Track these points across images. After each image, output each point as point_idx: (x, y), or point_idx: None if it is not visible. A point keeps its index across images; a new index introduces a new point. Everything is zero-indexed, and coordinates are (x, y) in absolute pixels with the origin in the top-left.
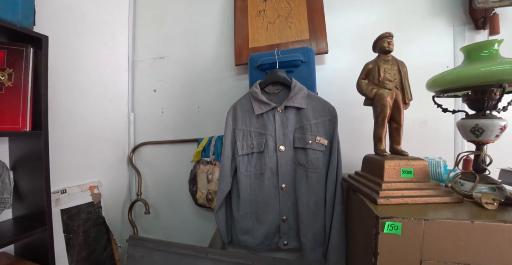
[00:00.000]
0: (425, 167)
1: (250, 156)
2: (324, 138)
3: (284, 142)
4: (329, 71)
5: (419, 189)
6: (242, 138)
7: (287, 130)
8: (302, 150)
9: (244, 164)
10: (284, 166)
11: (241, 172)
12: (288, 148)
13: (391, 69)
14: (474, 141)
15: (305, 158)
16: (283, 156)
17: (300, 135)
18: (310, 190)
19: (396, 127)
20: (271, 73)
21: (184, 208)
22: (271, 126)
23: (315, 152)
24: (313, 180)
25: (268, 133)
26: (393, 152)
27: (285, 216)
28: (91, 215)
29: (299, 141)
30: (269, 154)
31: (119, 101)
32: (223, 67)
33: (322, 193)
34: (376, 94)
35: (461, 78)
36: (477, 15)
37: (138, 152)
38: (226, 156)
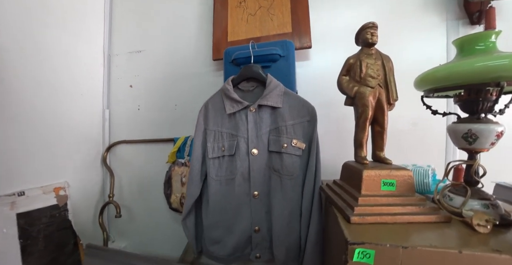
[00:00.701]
0: (410, 179)
1: (221, 159)
2: (301, 141)
3: (258, 145)
4: (314, 67)
5: (402, 205)
6: (213, 139)
7: (261, 131)
8: (277, 154)
9: (215, 168)
10: (257, 171)
11: (211, 176)
12: (262, 152)
13: (374, 64)
14: (466, 149)
15: (280, 163)
16: (256, 160)
17: (275, 138)
18: (285, 198)
19: (379, 131)
20: (245, 68)
21: (160, 211)
22: (243, 127)
23: (290, 156)
24: (288, 188)
25: (240, 134)
26: (375, 159)
27: (258, 226)
28: (55, 219)
29: (274, 144)
30: (240, 158)
31: (93, 97)
32: (201, 62)
33: (298, 202)
34: (357, 92)
35: (452, 74)
36: (472, 8)
37: (114, 151)
38: (196, 159)
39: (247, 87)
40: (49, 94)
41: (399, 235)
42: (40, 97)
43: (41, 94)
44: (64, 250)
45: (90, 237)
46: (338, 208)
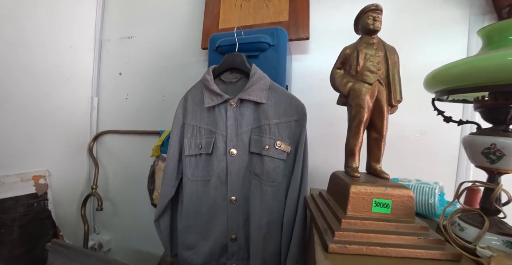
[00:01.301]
0: (410, 200)
1: (198, 157)
2: (287, 143)
3: (237, 145)
4: (311, 62)
5: (397, 234)
6: (190, 135)
7: (241, 129)
8: (259, 157)
9: (191, 167)
10: (235, 174)
11: (186, 176)
12: (242, 152)
13: (375, 56)
14: (485, 168)
15: (261, 167)
16: (234, 161)
17: (257, 137)
18: (264, 207)
19: (376, 138)
20: (227, 57)
21: (144, 206)
22: (222, 123)
23: (273, 160)
24: (268, 195)
25: (218, 131)
26: (370, 172)
27: (234, 234)
28: (33, 208)
29: (255, 145)
30: (217, 158)
31: (79, 83)
32: (191, 51)
33: (278, 212)
34: (351, 89)
35: (474, 71)
36: (502, 2)
37: (101, 141)
38: (172, 156)
39: (229, 79)
40: (32, 77)
41: None
42: (21, 80)
43: (23, 77)
44: (41, 241)
45: (72, 229)
46: (317, 229)
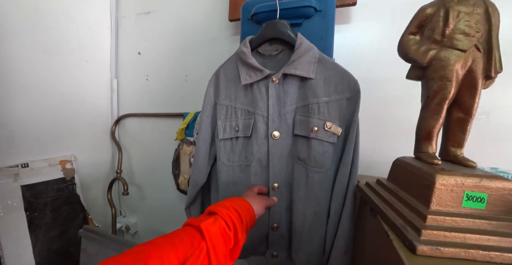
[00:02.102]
0: (510, 194)
1: (234, 141)
2: (337, 125)
3: (280, 126)
4: (354, 34)
5: (496, 234)
6: (224, 116)
7: (285, 109)
8: (304, 140)
9: (226, 151)
10: (278, 159)
11: (221, 161)
12: (285, 135)
13: (472, 14)
14: None
15: (307, 151)
16: (276, 145)
17: (303, 118)
18: (310, 195)
19: (461, 118)
20: (267, 25)
21: (169, 191)
22: (262, 103)
23: (321, 143)
24: (315, 183)
25: (258, 112)
26: (447, 158)
27: (276, 223)
28: (63, 193)
29: (301, 127)
30: (257, 141)
31: (99, 64)
32: (216, 25)
33: (325, 201)
34: (434, 58)
35: None
36: None
37: (123, 125)
38: (203, 139)
39: (269, 51)
40: (52, 60)
41: None
42: (42, 64)
43: (43, 61)
44: (73, 224)
45: (100, 213)
46: (390, 224)
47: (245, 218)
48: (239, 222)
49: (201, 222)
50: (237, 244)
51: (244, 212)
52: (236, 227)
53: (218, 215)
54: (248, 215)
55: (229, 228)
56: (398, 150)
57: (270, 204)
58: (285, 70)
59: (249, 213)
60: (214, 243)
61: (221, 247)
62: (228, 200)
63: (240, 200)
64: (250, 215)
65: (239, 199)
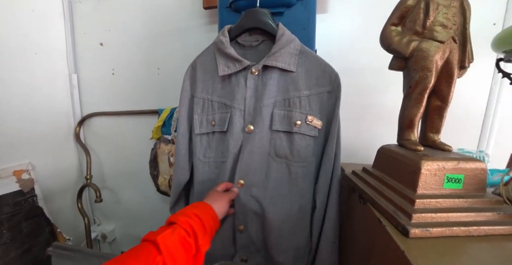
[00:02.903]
0: (482, 173)
1: (210, 136)
2: (318, 118)
3: (254, 120)
4: (332, 23)
5: (474, 210)
6: (201, 110)
7: (262, 102)
8: (285, 135)
9: (203, 147)
10: (248, 155)
11: (197, 157)
12: (260, 130)
13: (449, 7)
14: None
15: (289, 146)
16: (250, 140)
17: (283, 112)
18: (295, 191)
19: (439, 106)
20: (247, 14)
21: (148, 192)
22: (240, 95)
23: (304, 137)
24: (299, 178)
25: (235, 105)
26: (426, 144)
27: (242, 225)
28: (21, 207)
29: (281, 121)
30: (233, 136)
31: (51, 57)
32: (189, 12)
33: (309, 194)
34: (416, 49)
35: None
36: None
37: (89, 125)
38: (182, 134)
39: (249, 42)
40: None
41: (485, 260)
42: None
43: None
44: (37, 241)
45: (70, 224)
46: (382, 210)
47: (207, 222)
48: (200, 228)
49: (158, 235)
50: (199, 250)
51: (206, 216)
52: (196, 233)
53: (177, 224)
54: (210, 219)
55: (189, 235)
56: (378, 134)
57: (232, 196)
58: (265, 62)
59: (211, 216)
60: (172, 254)
61: (182, 256)
62: (188, 207)
63: (201, 204)
64: (213, 218)
65: (200, 203)
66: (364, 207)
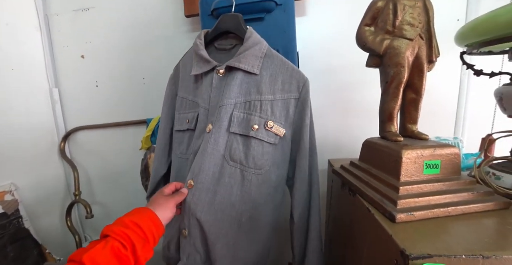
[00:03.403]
0: (456, 158)
1: (185, 133)
2: (280, 125)
3: (214, 120)
4: (311, 25)
5: (451, 192)
6: (179, 108)
7: (222, 102)
8: (242, 138)
9: (178, 143)
10: (202, 154)
11: (175, 153)
12: (217, 130)
13: (414, 7)
14: None
15: (244, 151)
16: (207, 140)
17: (243, 115)
18: (246, 199)
19: (414, 99)
20: (221, 19)
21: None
22: (206, 95)
23: (261, 143)
24: (253, 185)
25: (201, 104)
26: (405, 134)
27: (186, 229)
28: (5, 230)
29: (240, 124)
30: (197, 135)
31: (31, 72)
32: (172, 20)
33: (263, 205)
34: (388, 47)
35: None
36: None
37: (74, 140)
38: (163, 130)
39: (223, 45)
40: None
41: (464, 236)
42: None
43: None
44: (26, 263)
45: (59, 244)
46: (370, 200)
47: (148, 229)
48: (139, 237)
49: (85, 253)
50: (139, 260)
51: (147, 222)
52: (133, 243)
53: (110, 237)
54: (152, 225)
55: (124, 248)
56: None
57: (180, 198)
58: (229, 63)
59: (153, 223)
60: None
61: None
62: (127, 214)
63: (141, 210)
64: (155, 224)
65: (140, 209)
66: (354, 199)
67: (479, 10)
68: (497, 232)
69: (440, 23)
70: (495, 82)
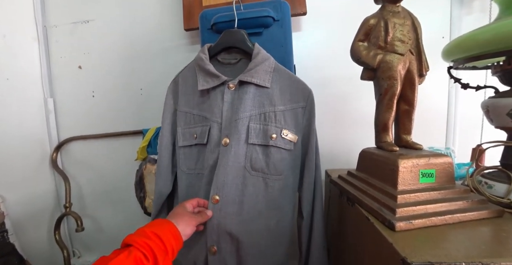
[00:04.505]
0: (450, 167)
1: (192, 148)
2: (293, 132)
3: (230, 133)
4: (306, 40)
5: (446, 200)
6: (184, 123)
7: (238, 115)
8: (261, 148)
9: (186, 159)
10: (224, 168)
11: (181, 169)
12: (235, 143)
13: (404, 25)
14: (508, 129)
15: (265, 159)
16: (225, 153)
17: (259, 126)
18: (271, 205)
19: (407, 110)
20: (225, 34)
21: (135, 216)
22: (217, 109)
23: (279, 151)
24: (276, 191)
25: (213, 118)
26: (400, 144)
27: (215, 246)
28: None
29: (258, 135)
30: (211, 149)
31: (26, 82)
32: (170, 33)
33: (287, 207)
34: (381, 61)
35: (503, 36)
36: None
37: (66, 151)
38: (165, 147)
39: (228, 60)
40: None
41: (462, 243)
42: None
43: None
44: None
45: (45, 259)
46: (368, 209)
47: (168, 242)
48: (160, 249)
49: (109, 262)
50: None
51: (167, 235)
52: (156, 255)
53: (133, 247)
54: (172, 238)
55: (147, 259)
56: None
57: (202, 220)
58: (241, 77)
59: (173, 236)
60: None
61: None
62: (148, 225)
63: (163, 222)
64: (175, 238)
65: (161, 221)
66: (353, 208)
67: (461, 29)
68: (494, 239)
69: (427, 40)
70: (482, 94)
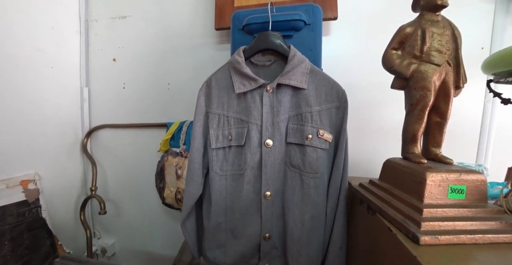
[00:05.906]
0: (483, 185)
1: (226, 150)
2: (328, 132)
3: (273, 135)
4: (334, 45)
5: (478, 220)
6: (217, 125)
7: (279, 117)
8: (298, 147)
9: (219, 160)
10: (271, 167)
11: (214, 171)
12: (278, 143)
13: (443, 35)
14: None
15: (301, 158)
16: (270, 153)
17: (296, 126)
18: (306, 200)
19: (439, 122)
20: (261, 36)
21: (152, 206)
22: (256, 111)
23: (315, 150)
24: (311, 188)
25: (251, 120)
26: (429, 157)
27: (268, 233)
28: (24, 218)
29: (295, 135)
30: (251, 150)
31: (66, 71)
32: (201, 32)
33: (322, 204)
34: (415, 71)
35: None
36: None
37: (96, 137)
38: (196, 149)
39: (262, 61)
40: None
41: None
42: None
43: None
44: (37, 254)
45: (70, 237)
46: (391, 219)
47: None
48: None
49: None
50: None
51: None
52: None
53: None
54: None
55: None
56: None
57: None
58: (279, 80)
59: None
60: None
61: None
62: None
63: None
64: None
65: None
66: (373, 217)
67: (504, 39)
68: None
69: (465, 50)
70: None
